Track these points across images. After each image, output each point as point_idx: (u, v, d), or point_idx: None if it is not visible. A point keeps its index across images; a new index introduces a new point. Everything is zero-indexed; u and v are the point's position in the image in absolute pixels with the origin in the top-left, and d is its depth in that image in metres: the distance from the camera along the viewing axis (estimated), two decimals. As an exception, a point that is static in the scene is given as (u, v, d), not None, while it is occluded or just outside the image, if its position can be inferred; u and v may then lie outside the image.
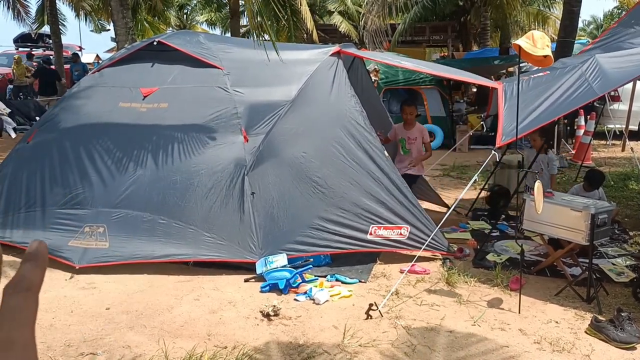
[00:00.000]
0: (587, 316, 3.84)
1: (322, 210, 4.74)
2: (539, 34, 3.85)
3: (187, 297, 4.15)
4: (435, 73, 7.16)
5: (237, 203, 4.64)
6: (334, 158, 4.85)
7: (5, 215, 5.06)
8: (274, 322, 3.77)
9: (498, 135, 4.16)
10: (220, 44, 5.67)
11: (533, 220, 4.37)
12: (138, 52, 5.64)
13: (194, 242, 4.58)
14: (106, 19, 20.45)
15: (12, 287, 0.36)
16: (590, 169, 5.79)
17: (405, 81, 11.14)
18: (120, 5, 9.66)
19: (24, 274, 0.37)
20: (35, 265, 0.38)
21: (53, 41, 16.65)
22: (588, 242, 4.09)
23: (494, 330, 3.70)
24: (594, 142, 9.64)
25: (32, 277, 0.37)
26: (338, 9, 22.22)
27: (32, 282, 0.37)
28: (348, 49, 5.56)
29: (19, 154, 5.43)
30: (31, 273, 0.37)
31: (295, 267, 4.45)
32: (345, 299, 4.17)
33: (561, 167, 9.07)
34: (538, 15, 19.20)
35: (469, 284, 4.41)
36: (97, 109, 5.32)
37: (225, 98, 5.05)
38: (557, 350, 3.42)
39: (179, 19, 26.24)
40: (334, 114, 5.01)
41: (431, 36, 19.88)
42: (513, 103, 4.10)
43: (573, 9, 9.20)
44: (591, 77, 4.12)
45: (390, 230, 4.81)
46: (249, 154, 4.77)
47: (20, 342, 0.35)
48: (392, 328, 3.69)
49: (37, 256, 0.38)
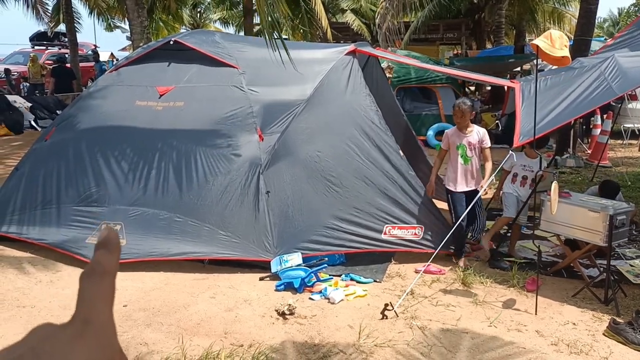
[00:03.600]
0: (605, 318, 3.80)
1: (337, 209, 4.74)
2: (557, 34, 3.81)
3: (203, 295, 4.17)
4: (451, 72, 7.12)
5: (252, 202, 4.66)
6: (349, 157, 4.85)
7: (22, 212, 5.13)
8: (289, 320, 3.78)
9: (516, 135, 4.13)
10: (235, 43, 5.70)
11: (550, 220, 4.34)
12: (154, 51, 5.68)
13: (210, 240, 4.61)
14: (120, 18, 20.58)
15: (88, 272, 0.37)
16: (605, 180, 5.59)
17: (419, 80, 11.08)
18: (135, 4, 9.72)
19: (98, 259, 0.38)
20: (108, 251, 0.38)
21: (68, 39, 16.81)
22: (606, 244, 4.05)
23: (511, 331, 3.68)
24: (610, 141, 9.53)
25: (107, 261, 0.38)
26: (351, 7, 22.17)
27: (107, 267, 0.38)
28: (363, 48, 5.55)
29: (37, 152, 5.49)
30: (105, 258, 0.38)
31: (310, 266, 4.46)
32: (360, 298, 4.17)
33: (577, 166, 8.99)
34: (553, 12, 19.03)
35: (484, 284, 4.39)
36: (114, 107, 5.36)
37: (241, 97, 5.07)
38: (574, 353, 3.39)
39: (193, 17, 26.36)
40: (349, 113, 5.01)
41: (445, 34, 19.77)
42: (531, 102, 4.07)
43: (590, 7, 9.09)
44: (610, 76, 4.07)
45: (404, 230, 4.81)
46: (264, 153, 4.79)
47: (96, 322, 0.35)
48: (407, 328, 3.69)
49: (109, 242, 0.39)
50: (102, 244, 0.39)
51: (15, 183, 5.32)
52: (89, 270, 0.37)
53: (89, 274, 0.37)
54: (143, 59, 5.71)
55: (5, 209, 5.18)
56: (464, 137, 4.76)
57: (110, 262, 0.38)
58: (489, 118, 12.51)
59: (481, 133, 4.82)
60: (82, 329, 0.35)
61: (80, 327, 0.35)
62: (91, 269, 0.37)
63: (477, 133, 4.80)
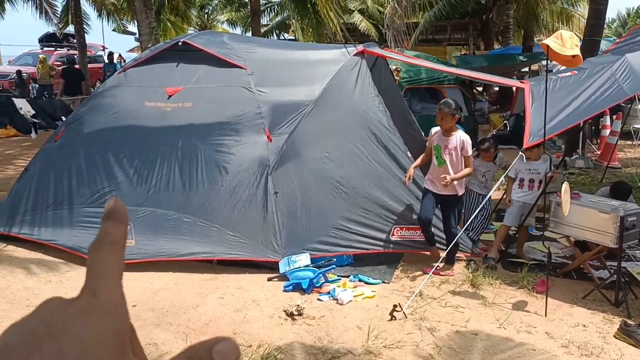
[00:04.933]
0: (616, 320, 3.77)
1: (345, 210, 4.74)
2: (568, 34, 3.79)
3: (212, 296, 4.18)
4: (460, 72, 7.10)
5: (260, 202, 4.67)
6: (357, 158, 4.85)
7: (33, 213, 5.16)
8: (297, 321, 3.78)
9: (525, 136, 4.11)
10: (244, 44, 5.71)
11: (560, 222, 4.31)
12: (163, 52, 5.70)
13: (218, 240, 4.62)
14: (129, 19, 20.69)
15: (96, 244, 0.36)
16: (617, 181, 5.54)
17: (427, 80, 11.05)
18: (144, 6, 9.76)
19: (106, 230, 0.37)
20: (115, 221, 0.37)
21: (77, 41, 16.90)
22: (617, 245, 4.02)
23: (520, 333, 3.66)
24: (619, 142, 9.46)
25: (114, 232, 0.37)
26: (358, 8, 22.15)
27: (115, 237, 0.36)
28: (372, 49, 5.55)
29: (47, 153, 5.53)
30: (113, 229, 0.37)
31: (318, 266, 4.46)
32: (368, 299, 4.16)
33: (586, 167, 8.93)
34: (562, 13, 18.92)
35: (494, 286, 4.37)
36: (123, 108, 5.39)
37: (249, 98, 5.08)
38: (585, 355, 3.37)
39: (200, 19, 26.43)
40: (357, 114, 5.00)
41: (452, 34, 19.72)
42: (541, 103, 4.04)
43: (600, 7, 9.03)
44: (621, 77, 4.04)
45: (412, 231, 4.80)
46: (273, 154, 4.79)
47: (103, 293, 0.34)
48: (416, 330, 3.68)
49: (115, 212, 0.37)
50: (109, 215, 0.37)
51: (26, 184, 5.35)
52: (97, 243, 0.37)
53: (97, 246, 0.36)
54: (152, 59, 5.73)
55: (17, 209, 5.21)
56: (443, 139, 4.54)
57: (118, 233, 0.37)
58: (497, 119, 12.47)
59: (462, 140, 4.50)
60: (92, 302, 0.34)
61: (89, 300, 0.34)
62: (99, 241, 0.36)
63: (457, 139, 4.50)
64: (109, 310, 0.34)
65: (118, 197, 0.39)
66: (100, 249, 0.36)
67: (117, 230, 0.37)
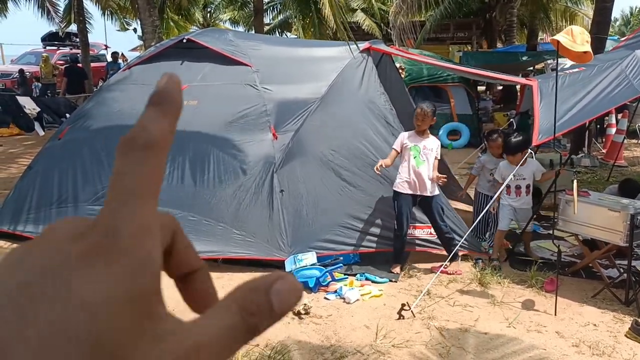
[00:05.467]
0: (627, 319, 3.73)
1: (352, 208, 4.70)
2: (579, 29, 3.74)
3: (218, 294, 4.13)
4: (467, 70, 7.05)
5: (266, 200, 4.63)
6: (363, 156, 4.81)
7: (37, 211, 5.13)
8: (304, 320, 3.74)
9: (534, 133, 4.06)
10: (249, 41, 5.67)
11: (569, 220, 4.26)
12: (167, 50, 5.66)
13: (224, 239, 4.58)
14: (132, 17, 20.66)
15: (125, 145, 0.25)
16: (625, 178, 5.47)
17: (431, 78, 11.00)
18: (147, 4, 9.72)
19: (143, 124, 0.25)
20: (161, 112, 0.25)
21: (80, 40, 16.87)
22: (626, 244, 3.97)
23: (530, 332, 3.61)
24: (625, 140, 9.40)
25: (155, 128, 0.25)
26: (361, 7, 22.09)
27: (153, 137, 0.24)
28: (377, 46, 5.51)
29: (51, 151, 5.50)
30: (153, 122, 0.25)
31: (324, 265, 4.42)
32: (375, 298, 4.12)
33: (592, 166, 8.87)
34: (566, 11, 18.86)
35: (502, 284, 4.33)
36: (127, 106, 5.35)
37: (255, 95, 5.04)
38: (596, 354, 3.32)
39: (203, 17, 26.40)
40: (363, 111, 4.96)
41: (455, 33, 19.63)
42: (550, 101, 4.00)
43: (606, 4, 8.97)
44: (632, 74, 4.00)
45: (420, 229, 4.76)
46: (278, 152, 4.75)
47: (127, 231, 0.23)
48: (425, 329, 3.64)
49: (165, 97, 0.25)
50: (154, 100, 0.25)
51: (30, 182, 5.32)
52: (127, 142, 0.25)
53: (127, 147, 0.25)
54: (156, 57, 5.70)
55: (21, 207, 5.18)
56: (420, 140, 4.51)
57: (160, 129, 0.25)
58: (501, 118, 12.41)
59: (438, 142, 4.58)
60: (107, 245, 0.23)
61: (101, 241, 0.23)
62: (131, 139, 0.25)
63: (433, 140, 4.55)
64: (132, 259, 0.23)
65: (174, 75, 0.27)
66: (130, 153, 0.24)
67: (158, 126, 0.25)
